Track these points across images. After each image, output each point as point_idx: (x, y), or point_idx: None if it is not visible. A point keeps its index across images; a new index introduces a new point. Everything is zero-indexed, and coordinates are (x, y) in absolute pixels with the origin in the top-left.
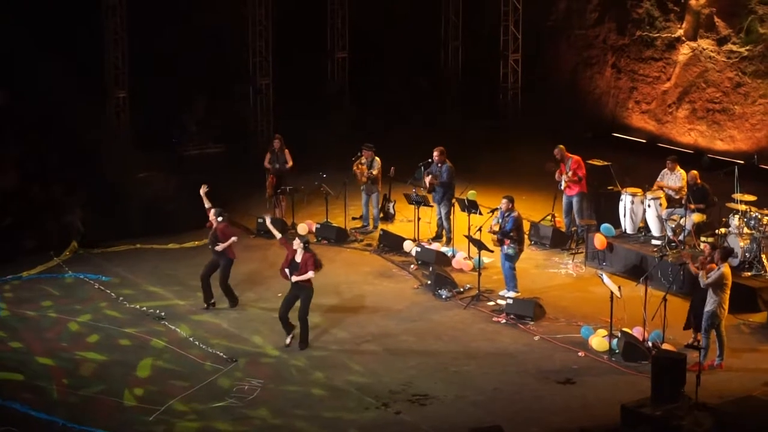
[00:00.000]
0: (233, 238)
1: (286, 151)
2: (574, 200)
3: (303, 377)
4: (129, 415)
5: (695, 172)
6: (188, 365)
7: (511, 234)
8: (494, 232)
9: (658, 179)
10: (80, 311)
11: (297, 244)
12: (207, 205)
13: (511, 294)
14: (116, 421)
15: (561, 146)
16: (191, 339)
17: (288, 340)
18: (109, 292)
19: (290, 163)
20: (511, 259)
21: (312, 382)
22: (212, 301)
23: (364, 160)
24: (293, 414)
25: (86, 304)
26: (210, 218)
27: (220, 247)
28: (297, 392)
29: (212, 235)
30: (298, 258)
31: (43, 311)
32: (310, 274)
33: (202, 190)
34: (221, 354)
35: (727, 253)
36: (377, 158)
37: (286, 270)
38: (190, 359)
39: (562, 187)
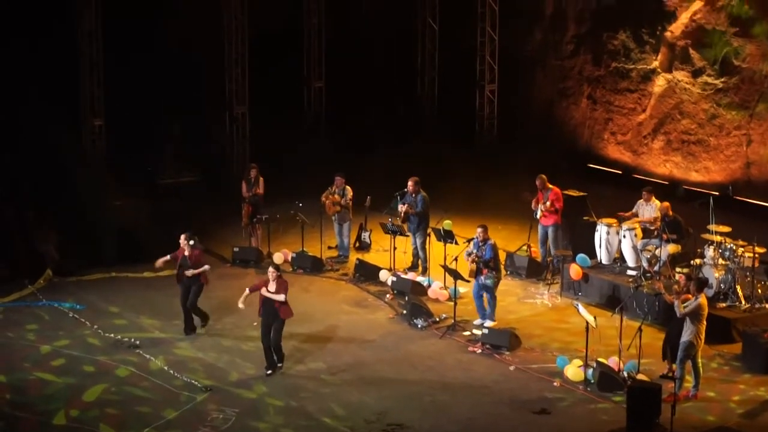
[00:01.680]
0: (206, 267)
1: (261, 179)
2: (550, 230)
3: (277, 407)
4: None
5: (667, 203)
6: (159, 393)
7: (490, 263)
8: (475, 261)
9: (634, 209)
10: (61, 337)
11: (271, 272)
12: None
13: (488, 323)
14: None
15: (543, 176)
16: (165, 368)
17: (268, 372)
18: (83, 320)
19: (261, 191)
20: (490, 289)
21: (287, 412)
22: (194, 328)
23: (335, 189)
24: None
25: (69, 331)
26: (181, 243)
27: (190, 273)
28: (271, 422)
29: (183, 262)
30: (272, 288)
31: (24, 333)
32: (281, 297)
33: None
34: (195, 383)
35: (703, 283)
36: (348, 187)
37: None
38: (161, 387)
39: (538, 216)
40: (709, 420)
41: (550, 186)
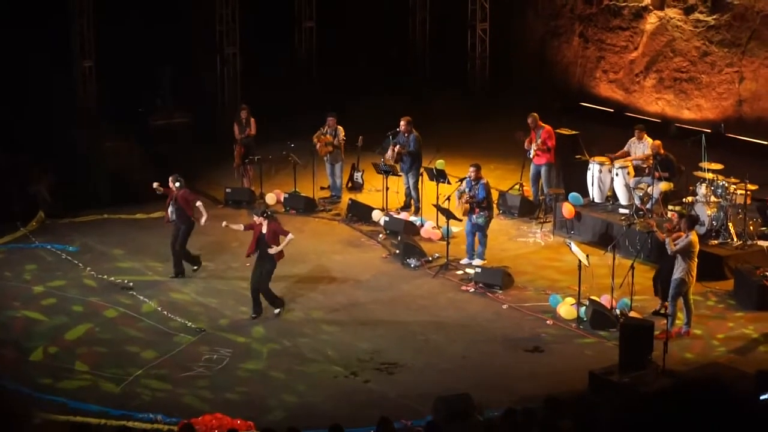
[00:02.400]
0: (198, 203)
1: (252, 120)
2: (542, 170)
3: (271, 347)
4: (26, 369)
5: (658, 142)
6: (151, 334)
7: (483, 203)
8: (469, 202)
9: (625, 148)
10: (57, 278)
11: (257, 218)
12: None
13: (478, 262)
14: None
15: (534, 114)
16: (158, 309)
17: (253, 315)
18: (76, 262)
19: (253, 131)
20: (481, 228)
21: (280, 352)
22: (182, 270)
23: (326, 129)
24: (262, 382)
25: (66, 272)
26: (170, 185)
27: (203, 221)
28: (265, 362)
29: (172, 204)
30: (264, 230)
31: (21, 273)
32: (290, 236)
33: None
34: (189, 324)
35: (694, 220)
36: (340, 127)
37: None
38: (153, 328)
39: (531, 156)
40: (700, 356)
41: (543, 125)
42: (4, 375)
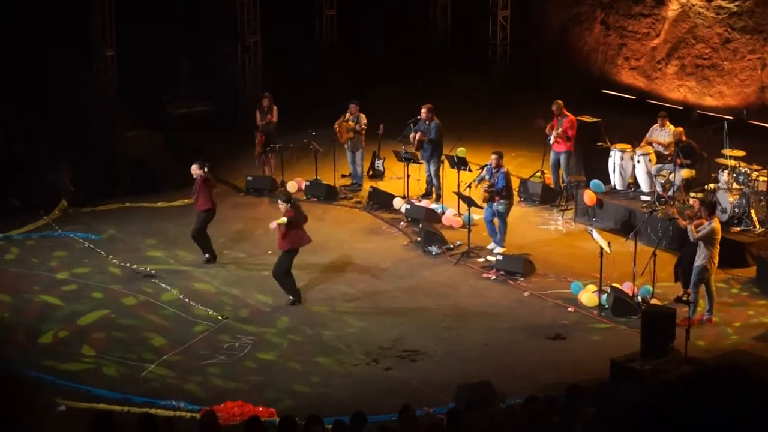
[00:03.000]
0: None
1: (275, 108)
2: (562, 157)
3: (293, 334)
4: (33, 351)
5: (680, 129)
6: (174, 321)
7: (503, 191)
8: (488, 191)
9: (648, 135)
10: (84, 265)
11: (282, 205)
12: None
13: (499, 249)
14: (15, 352)
15: (559, 101)
16: (181, 296)
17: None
18: (99, 251)
19: (275, 119)
20: (502, 215)
21: (302, 340)
22: (209, 255)
23: (348, 116)
24: (284, 370)
25: (93, 259)
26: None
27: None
28: (287, 349)
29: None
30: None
31: (48, 260)
32: (282, 219)
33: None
34: (211, 312)
35: (713, 206)
36: (362, 114)
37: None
38: (176, 316)
39: (551, 142)
40: (723, 343)
41: (567, 113)
42: (14, 359)
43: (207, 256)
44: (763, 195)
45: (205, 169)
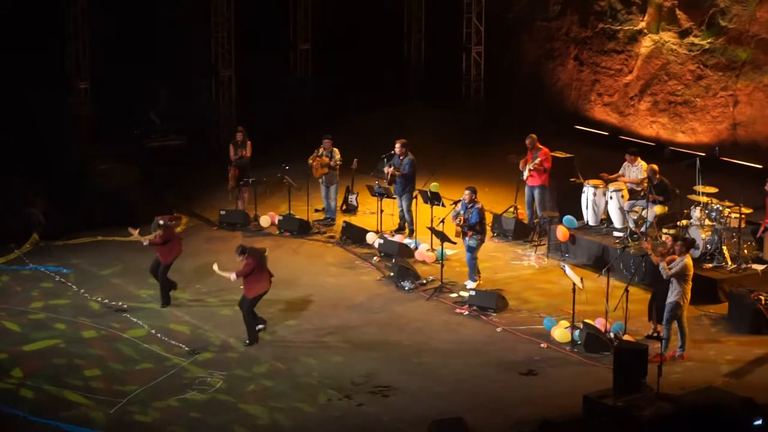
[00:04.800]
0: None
1: (248, 142)
2: (536, 192)
3: (265, 369)
4: None
5: (655, 166)
6: (147, 356)
7: (476, 227)
8: (460, 225)
9: (620, 171)
10: (66, 296)
11: (238, 258)
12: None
13: (471, 284)
14: None
15: (533, 135)
16: (152, 331)
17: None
18: (70, 284)
19: (248, 153)
20: (472, 250)
21: (274, 374)
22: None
23: (322, 151)
24: (255, 405)
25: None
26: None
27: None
28: (259, 384)
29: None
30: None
31: (31, 289)
32: (231, 276)
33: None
34: (183, 346)
35: (689, 244)
36: (336, 149)
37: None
38: (148, 350)
39: (525, 177)
40: (695, 380)
41: (540, 146)
42: None
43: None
44: (735, 231)
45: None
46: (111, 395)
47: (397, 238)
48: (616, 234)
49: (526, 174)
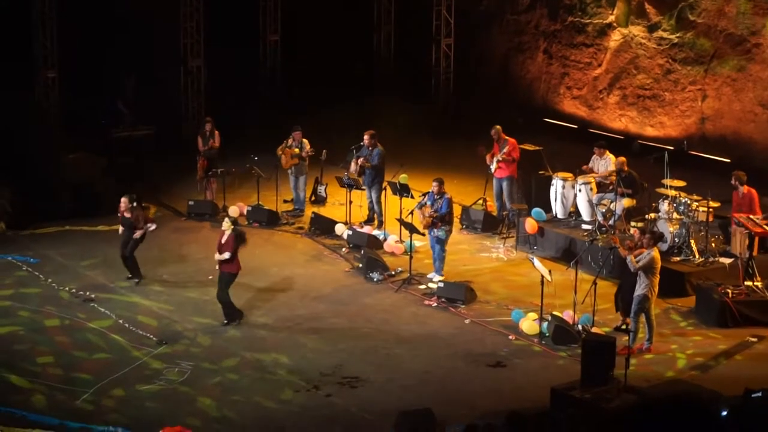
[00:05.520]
0: (150, 226)
1: (216, 132)
2: (504, 184)
3: (233, 360)
4: None
5: (623, 158)
6: (115, 347)
7: (446, 217)
8: (432, 217)
9: (590, 164)
10: (38, 286)
11: (225, 224)
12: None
13: (438, 277)
14: None
15: (498, 127)
16: (120, 321)
17: (225, 321)
18: (37, 274)
19: (217, 144)
20: (441, 242)
21: (242, 365)
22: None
23: (291, 142)
24: (223, 396)
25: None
26: (122, 205)
27: (138, 234)
28: (227, 375)
29: (124, 221)
30: (224, 239)
31: (3, 279)
32: (225, 255)
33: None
34: (151, 336)
35: (657, 237)
36: (306, 140)
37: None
38: (115, 342)
39: (493, 170)
40: (662, 372)
41: (506, 137)
42: None
43: (133, 278)
44: (703, 225)
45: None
46: (61, 382)
47: (366, 229)
48: (584, 227)
49: (493, 167)
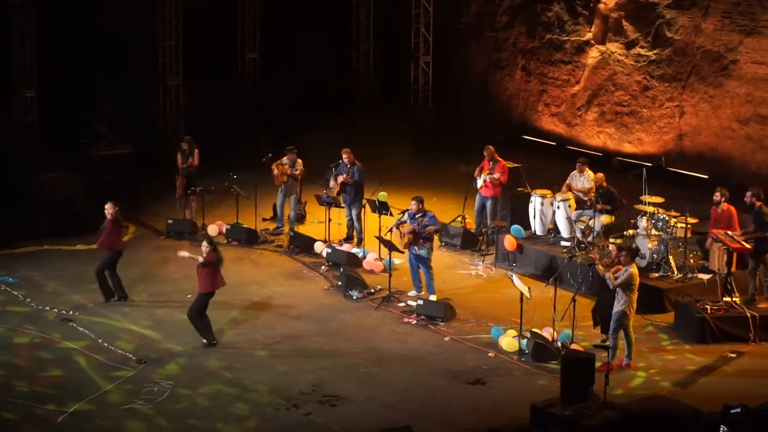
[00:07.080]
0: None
1: (196, 151)
2: (488, 203)
3: (212, 378)
4: None
5: (601, 174)
6: (94, 366)
7: (438, 231)
8: (429, 231)
9: (567, 181)
10: (25, 304)
11: (204, 246)
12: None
13: (432, 297)
14: None
15: (490, 147)
16: (99, 341)
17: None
18: (15, 293)
19: (196, 162)
20: (424, 260)
21: (222, 384)
22: (116, 297)
23: (285, 161)
24: (202, 415)
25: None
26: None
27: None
28: (207, 393)
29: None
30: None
31: None
32: (199, 258)
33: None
34: (130, 355)
35: (634, 253)
36: (300, 160)
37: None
38: (94, 360)
39: (479, 186)
40: (641, 389)
41: (498, 158)
42: None
43: (116, 298)
44: (682, 241)
45: (116, 210)
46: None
47: (346, 247)
48: (563, 243)
49: (480, 183)
